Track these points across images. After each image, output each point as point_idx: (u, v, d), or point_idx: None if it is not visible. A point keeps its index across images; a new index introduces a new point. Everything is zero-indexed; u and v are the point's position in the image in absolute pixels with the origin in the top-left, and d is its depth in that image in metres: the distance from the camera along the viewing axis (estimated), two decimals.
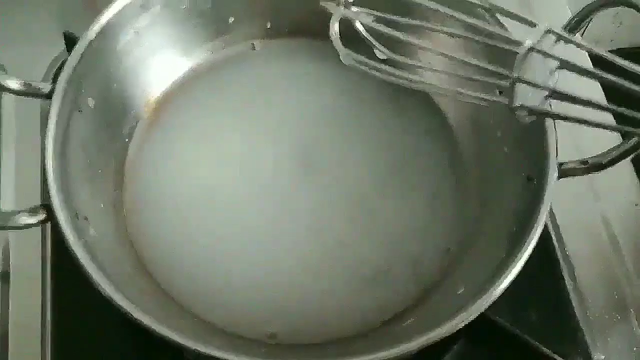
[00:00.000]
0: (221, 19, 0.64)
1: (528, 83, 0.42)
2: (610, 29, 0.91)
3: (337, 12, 0.48)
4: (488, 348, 0.55)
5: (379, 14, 0.47)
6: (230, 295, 0.54)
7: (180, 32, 0.62)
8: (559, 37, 0.42)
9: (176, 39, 0.62)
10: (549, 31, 0.41)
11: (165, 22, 0.60)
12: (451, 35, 0.47)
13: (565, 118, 0.44)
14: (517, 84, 0.42)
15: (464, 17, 0.44)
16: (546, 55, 0.42)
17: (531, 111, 0.44)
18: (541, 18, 0.72)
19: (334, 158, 0.60)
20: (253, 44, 0.66)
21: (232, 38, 0.65)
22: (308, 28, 0.64)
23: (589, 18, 0.55)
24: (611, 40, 0.93)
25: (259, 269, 0.55)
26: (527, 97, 0.44)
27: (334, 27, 0.48)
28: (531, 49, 0.41)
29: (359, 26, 0.49)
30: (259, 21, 0.65)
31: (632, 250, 0.61)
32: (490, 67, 0.44)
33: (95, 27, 0.55)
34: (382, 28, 0.46)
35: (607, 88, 0.67)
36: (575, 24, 0.55)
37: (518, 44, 0.41)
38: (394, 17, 0.46)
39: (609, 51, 0.40)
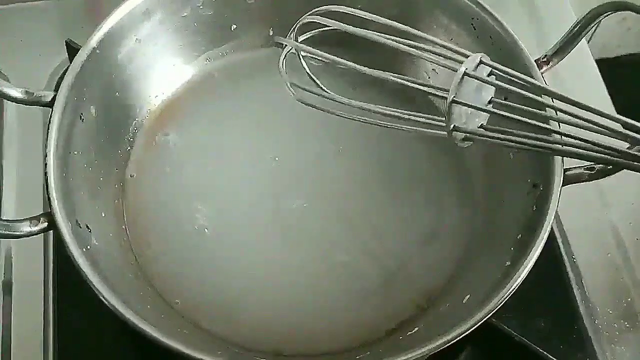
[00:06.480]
0: (223, 26, 0.63)
1: (463, 104, 0.43)
2: (617, 34, 0.91)
3: (288, 46, 0.51)
4: (495, 356, 0.54)
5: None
6: (234, 307, 0.54)
7: (182, 40, 0.62)
8: (493, 68, 0.44)
9: (178, 47, 0.62)
10: (481, 62, 0.43)
11: (167, 30, 0.60)
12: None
13: (503, 141, 0.45)
14: (454, 106, 0.43)
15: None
16: (481, 80, 0.44)
17: (467, 136, 0.46)
18: (547, 23, 0.73)
19: (341, 167, 0.60)
20: (255, 52, 0.65)
21: (234, 46, 0.65)
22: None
23: (595, 22, 0.55)
24: (618, 46, 0.92)
25: (264, 280, 0.55)
26: (462, 121, 0.45)
27: (281, 61, 0.51)
28: (466, 74, 0.42)
29: (302, 62, 0.53)
30: (261, 28, 0.65)
31: None
32: (428, 89, 0.48)
33: (97, 36, 0.55)
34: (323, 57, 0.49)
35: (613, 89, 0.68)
36: (580, 29, 0.55)
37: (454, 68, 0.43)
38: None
39: (617, 57, 0.40)
